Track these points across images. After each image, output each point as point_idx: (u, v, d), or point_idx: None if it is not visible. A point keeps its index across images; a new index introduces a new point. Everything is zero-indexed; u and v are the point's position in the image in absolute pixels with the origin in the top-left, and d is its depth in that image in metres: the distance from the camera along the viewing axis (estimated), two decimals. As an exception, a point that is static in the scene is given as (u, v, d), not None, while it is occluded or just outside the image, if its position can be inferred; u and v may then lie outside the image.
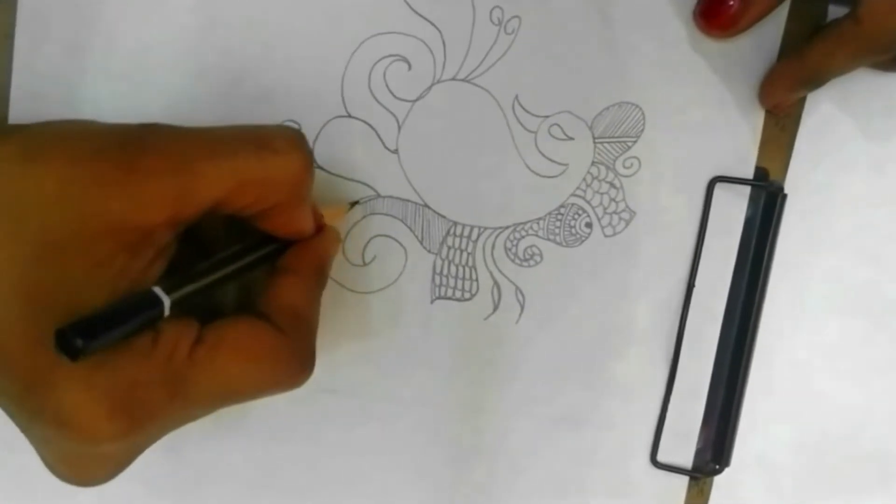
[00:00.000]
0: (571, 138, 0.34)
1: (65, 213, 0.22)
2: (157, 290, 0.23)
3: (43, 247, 0.22)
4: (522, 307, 0.35)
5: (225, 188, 0.24)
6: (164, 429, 0.24)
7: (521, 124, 0.34)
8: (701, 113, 0.35)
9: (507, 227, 0.35)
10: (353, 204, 0.34)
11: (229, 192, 0.24)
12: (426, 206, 0.34)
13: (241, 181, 0.24)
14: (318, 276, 0.29)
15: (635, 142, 0.35)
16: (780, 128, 0.35)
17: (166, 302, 0.23)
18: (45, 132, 0.23)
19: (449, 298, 0.35)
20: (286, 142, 0.25)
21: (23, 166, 0.22)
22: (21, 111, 0.32)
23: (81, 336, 0.21)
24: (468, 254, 0.35)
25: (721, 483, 0.37)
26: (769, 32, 0.34)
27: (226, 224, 0.27)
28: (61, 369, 0.21)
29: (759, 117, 0.35)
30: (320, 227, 0.29)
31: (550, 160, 0.34)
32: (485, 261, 0.35)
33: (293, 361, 0.26)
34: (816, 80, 0.33)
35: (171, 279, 0.24)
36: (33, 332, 0.21)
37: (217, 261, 0.27)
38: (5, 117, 0.32)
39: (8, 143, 0.23)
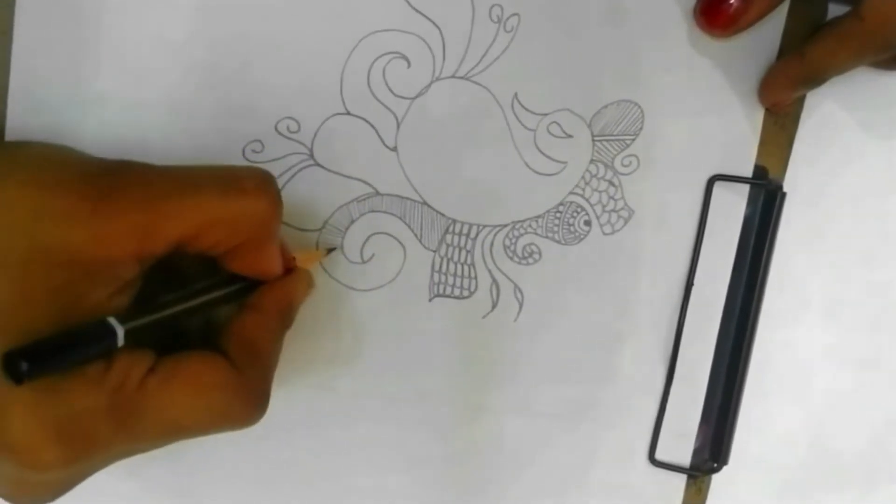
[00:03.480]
0: (570, 136, 0.34)
1: (29, 237, 0.22)
2: (112, 320, 0.23)
3: (2, 268, 0.22)
4: (521, 305, 0.35)
5: (189, 227, 0.24)
6: (109, 459, 0.24)
7: (520, 122, 0.34)
8: (700, 111, 0.35)
9: (506, 225, 0.35)
10: (329, 251, 0.34)
11: (194, 231, 0.24)
12: (425, 203, 0.34)
13: (206, 221, 0.24)
14: (283, 316, 0.29)
15: (634, 140, 0.35)
16: (780, 126, 0.35)
17: (120, 332, 0.23)
18: (19, 155, 0.24)
19: (448, 296, 0.35)
20: (254, 183, 0.26)
21: None
22: (20, 109, 0.32)
23: (29, 360, 0.21)
24: (467, 252, 0.35)
25: (719, 481, 0.37)
26: (769, 31, 0.34)
27: (202, 259, 0.27)
28: (10, 393, 0.21)
29: (758, 116, 0.35)
30: (290, 269, 0.30)
31: (549, 158, 0.34)
32: (483, 259, 0.35)
33: (246, 399, 0.26)
34: (817, 78, 0.33)
35: (128, 310, 0.24)
36: None
37: (180, 295, 0.27)
38: (3, 115, 0.32)
39: None
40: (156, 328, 0.25)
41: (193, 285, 0.27)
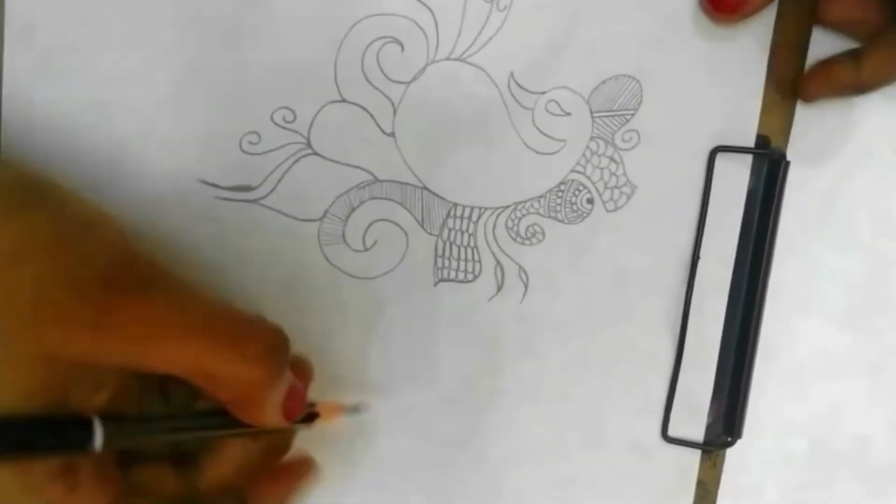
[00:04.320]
0: (569, 114, 0.34)
1: (27, 328, 0.21)
2: (96, 423, 0.23)
3: (4, 362, 0.21)
4: (526, 286, 0.35)
5: (180, 370, 0.24)
6: None
7: (518, 101, 0.34)
8: (699, 82, 0.34)
9: (508, 207, 0.34)
10: (354, 409, 0.33)
11: (184, 375, 0.24)
12: (425, 188, 0.34)
13: (198, 370, 0.24)
14: None
15: (634, 114, 0.34)
16: (781, 94, 0.35)
17: (98, 435, 0.22)
18: (36, 230, 0.22)
19: (452, 280, 0.35)
20: (259, 349, 0.25)
21: (2, 265, 0.21)
22: (12, 107, 0.32)
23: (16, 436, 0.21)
24: (470, 235, 0.34)
25: (734, 455, 0.37)
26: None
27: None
28: None
29: (758, 85, 0.35)
30: (313, 416, 0.29)
31: (548, 137, 0.34)
32: (487, 241, 0.35)
33: None
34: (871, 89, 0.33)
35: (116, 422, 0.23)
36: None
37: (173, 426, 0.26)
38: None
39: (3, 232, 0.22)
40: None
41: (185, 414, 0.27)
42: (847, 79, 0.33)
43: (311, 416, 0.30)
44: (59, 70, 0.31)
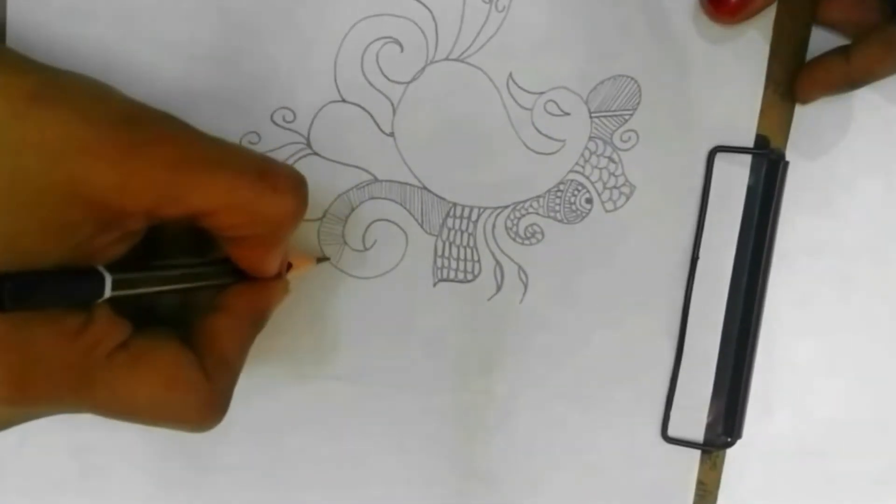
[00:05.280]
0: (567, 114, 0.34)
1: (53, 165, 0.21)
2: (103, 271, 0.23)
3: (19, 190, 0.21)
4: (526, 286, 0.35)
5: (213, 203, 0.24)
6: (52, 411, 0.24)
7: (517, 102, 0.34)
8: (698, 82, 0.34)
9: (507, 207, 0.35)
10: (321, 260, 0.34)
11: (215, 208, 0.24)
12: (425, 188, 0.34)
13: (231, 202, 0.24)
14: (255, 322, 0.29)
15: (632, 114, 0.34)
16: (780, 95, 0.35)
17: (108, 285, 0.23)
18: (63, 81, 0.23)
19: (452, 280, 0.35)
20: (288, 182, 0.25)
21: (29, 106, 0.21)
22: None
23: (15, 289, 0.20)
24: (469, 235, 0.35)
25: (734, 456, 0.37)
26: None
27: (192, 230, 0.27)
28: None
29: (757, 85, 0.35)
30: (280, 273, 0.29)
31: (547, 137, 0.34)
32: (486, 241, 0.35)
33: (209, 404, 0.26)
34: (861, 83, 0.33)
35: (121, 272, 0.24)
36: None
37: (174, 274, 0.26)
38: None
39: (23, 79, 0.22)
40: (134, 300, 0.24)
41: (180, 260, 0.27)
42: (838, 75, 0.33)
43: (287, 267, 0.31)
44: (58, 61, 0.32)
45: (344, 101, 0.33)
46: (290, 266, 0.31)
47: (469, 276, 0.35)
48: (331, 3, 0.32)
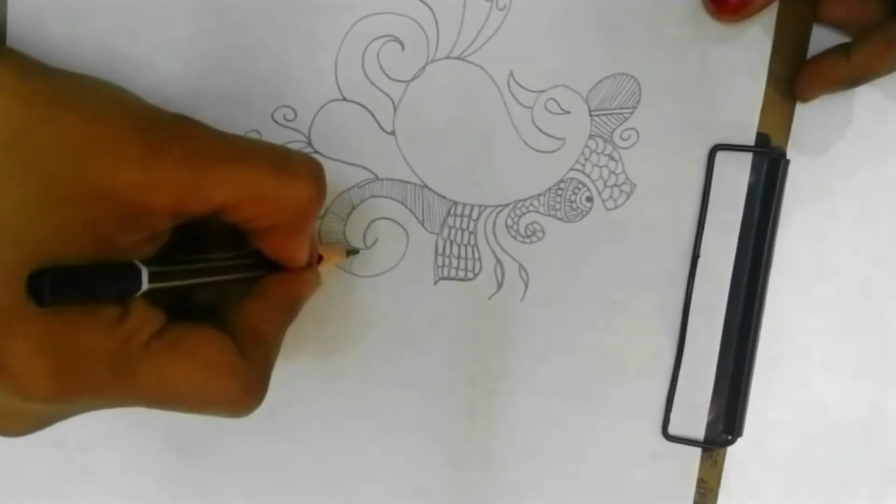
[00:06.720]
0: (568, 112, 0.34)
1: (76, 166, 0.22)
2: (140, 265, 0.23)
3: (44, 192, 0.21)
4: (526, 285, 0.35)
5: (234, 195, 0.24)
6: (95, 405, 0.24)
7: (517, 100, 0.34)
8: (698, 80, 0.34)
9: (508, 205, 0.35)
10: (350, 253, 0.34)
11: (237, 201, 0.24)
12: (425, 186, 0.34)
13: (252, 193, 0.24)
14: (289, 309, 0.29)
15: (632, 113, 0.34)
16: (781, 93, 0.35)
17: (145, 275, 0.23)
18: (83, 83, 0.23)
19: (452, 279, 0.35)
20: (306, 169, 0.26)
21: (50, 108, 0.22)
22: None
23: (53, 284, 0.21)
24: (470, 233, 0.35)
25: (735, 454, 0.37)
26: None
27: (225, 227, 0.27)
28: (23, 316, 0.21)
29: (759, 82, 0.35)
30: (311, 264, 0.30)
31: (548, 135, 0.34)
32: (487, 239, 0.35)
33: (247, 387, 0.26)
34: (861, 80, 0.33)
35: (156, 264, 0.24)
36: (11, 271, 0.21)
37: (208, 266, 0.27)
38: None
39: (43, 82, 0.22)
40: (168, 293, 0.25)
41: (220, 255, 0.27)
42: (839, 73, 0.33)
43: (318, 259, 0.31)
44: (59, 61, 0.32)
45: (345, 99, 0.33)
46: (320, 258, 0.31)
47: (470, 275, 0.35)
48: (332, 1, 0.32)
